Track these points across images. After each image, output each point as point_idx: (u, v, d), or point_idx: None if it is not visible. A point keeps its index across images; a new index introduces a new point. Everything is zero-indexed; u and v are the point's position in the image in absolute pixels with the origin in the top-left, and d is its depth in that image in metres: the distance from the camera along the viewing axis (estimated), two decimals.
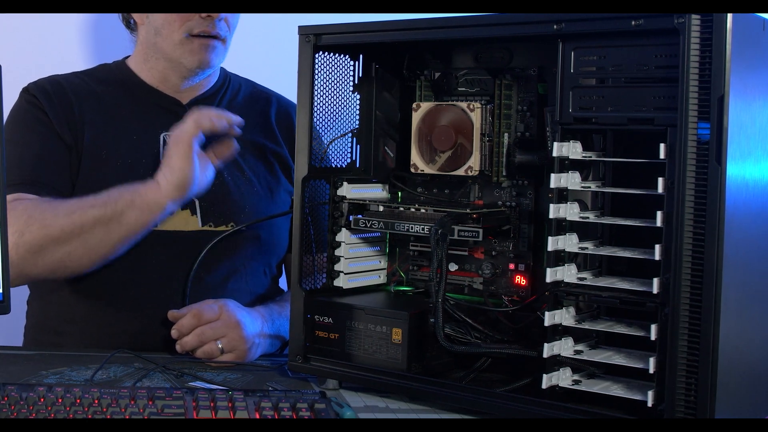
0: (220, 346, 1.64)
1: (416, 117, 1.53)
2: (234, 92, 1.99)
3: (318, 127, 1.54)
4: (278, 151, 1.95)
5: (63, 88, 1.87)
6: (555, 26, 1.30)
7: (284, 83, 1.94)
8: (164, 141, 1.85)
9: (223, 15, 1.82)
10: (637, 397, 1.27)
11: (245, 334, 1.67)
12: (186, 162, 1.67)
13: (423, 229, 1.46)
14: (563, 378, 1.34)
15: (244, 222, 1.85)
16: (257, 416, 1.29)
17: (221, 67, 2.01)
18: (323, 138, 1.57)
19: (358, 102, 1.60)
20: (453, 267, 1.56)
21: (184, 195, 1.70)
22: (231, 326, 1.67)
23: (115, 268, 1.79)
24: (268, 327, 1.74)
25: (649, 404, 1.25)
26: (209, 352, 1.64)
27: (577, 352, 1.35)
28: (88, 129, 1.84)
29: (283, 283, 2.03)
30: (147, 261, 1.80)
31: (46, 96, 1.85)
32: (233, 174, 1.89)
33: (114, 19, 2.01)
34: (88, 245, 1.70)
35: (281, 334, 1.78)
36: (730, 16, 1.16)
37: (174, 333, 1.67)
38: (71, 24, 2.32)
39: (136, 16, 1.92)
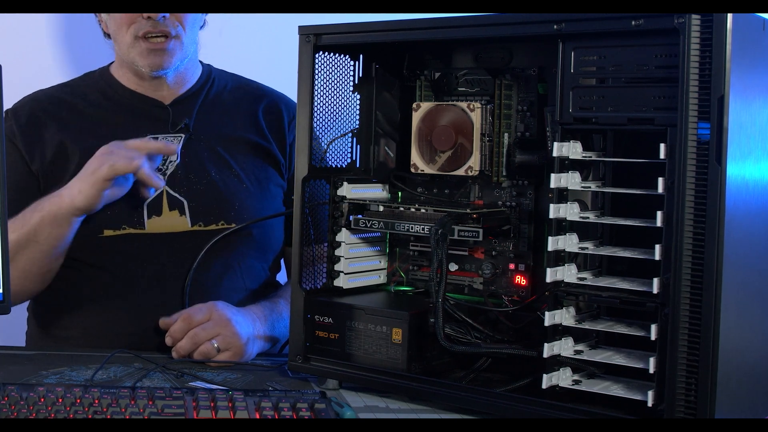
0: (215, 345, 1.64)
1: (416, 117, 1.53)
2: (220, 89, 1.98)
3: (318, 127, 1.54)
4: (265, 146, 1.94)
5: (38, 113, 1.89)
6: (555, 26, 1.30)
7: (284, 83, 1.94)
8: None
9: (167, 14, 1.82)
10: (637, 397, 1.27)
11: (238, 331, 1.67)
12: (93, 193, 1.68)
13: (423, 229, 1.46)
14: (563, 378, 1.34)
15: (234, 219, 1.85)
16: (257, 416, 1.29)
17: (206, 64, 2.00)
18: (323, 138, 1.57)
19: (358, 102, 1.60)
20: (453, 267, 1.56)
21: (86, 213, 1.73)
22: (222, 324, 1.67)
23: (110, 272, 1.80)
24: (261, 325, 1.75)
25: (649, 404, 1.25)
26: (206, 353, 1.64)
27: (577, 352, 1.35)
28: (72, 146, 1.84)
29: (282, 276, 2.03)
30: (140, 264, 1.81)
31: (18, 125, 1.88)
32: (221, 171, 1.88)
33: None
34: (19, 269, 1.72)
35: (275, 333, 1.78)
36: (730, 16, 1.16)
37: (168, 340, 1.68)
38: (72, 24, 2.32)
39: (102, 24, 1.94)
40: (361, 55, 1.58)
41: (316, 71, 1.51)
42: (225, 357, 1.65)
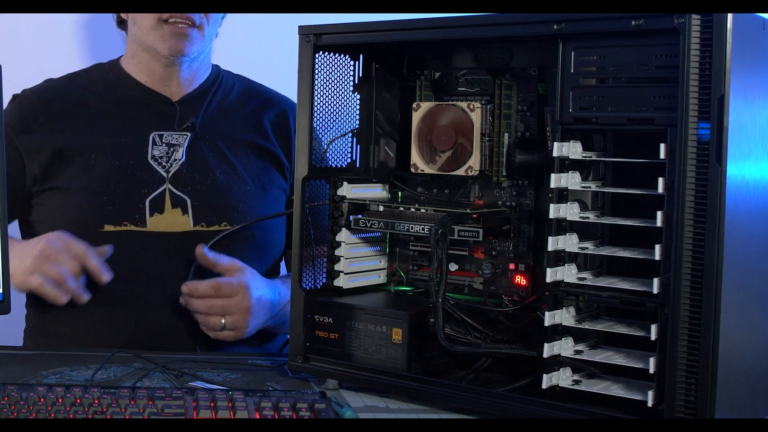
0: (223, 321, 1.70)
1: (416, 117, 1.53)
2: (227, 90, 1.98)
3: (318, 127, 1.54)
4: (269, 149, 1.94)
5: (40, 104, 1.89)
6: (555, 26, 1.30)
7: (284, 83, 1.94)
8: (153, 141, 1.85)
9: None
10: (637, 397, 1.27)
11: (249, 320, 1.72)
12: (25, 289, 1.70)
13: (423, 229, 1.46)
14: (563, 378, 1.34)
15: (237, 221, 1.85)
16: (257, 416, 1.29)
17: (215, 65, 2.00)
18: (323, 138, 1.57)
19: (358, 102, 1.60)
20: (453, 267, 1.56)
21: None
22: (241, 310, 1.72)
23: (110, 270, 1.80)
24: (270, 317, 1.76)
25: (649, 404, 1.25)
26: (212, 325, 1.70)
27: (577, 352, 1.35)
28: (75, 141, 1.84)
29: None
30: (140, 262, 1.81)
31: (21, 119, 1.87)
32: (225, 172, 1.88)
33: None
34: None
35: (278, 323, 1.82)
36: (730, 16, 1.16)
37: (185, 289, 1.71)
38: (72, 23, 2.32)
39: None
40: (361, 55, 1.58)
41: (316, 71, 1.51)
42: (225, 335, 1.72)
